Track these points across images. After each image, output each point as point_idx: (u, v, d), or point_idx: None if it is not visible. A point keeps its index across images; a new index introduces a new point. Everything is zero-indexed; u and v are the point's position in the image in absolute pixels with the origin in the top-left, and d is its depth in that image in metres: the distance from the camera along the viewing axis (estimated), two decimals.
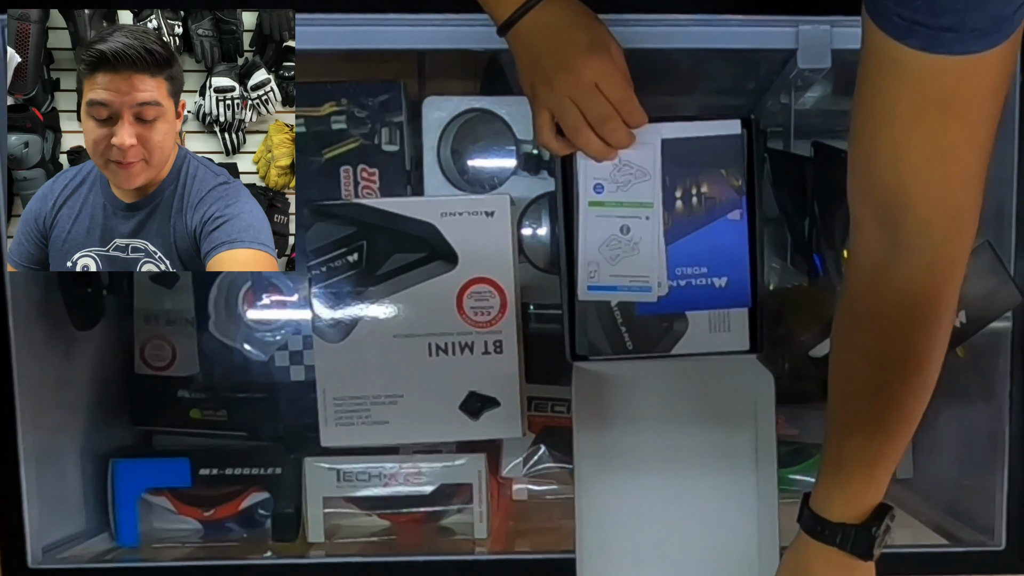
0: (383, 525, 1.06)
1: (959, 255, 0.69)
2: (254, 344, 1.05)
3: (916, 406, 0.74)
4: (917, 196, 0.66)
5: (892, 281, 0.70)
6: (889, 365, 0.73)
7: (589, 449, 0.89)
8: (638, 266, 0.88)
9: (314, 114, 0.98)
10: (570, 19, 0.80)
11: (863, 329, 0.74)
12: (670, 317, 0.90)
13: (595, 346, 0.90)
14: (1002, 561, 0.94)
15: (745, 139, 0.89)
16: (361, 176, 0.99)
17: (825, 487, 0.78)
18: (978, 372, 0.97)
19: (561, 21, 0.79)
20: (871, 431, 0.75)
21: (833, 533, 0.77)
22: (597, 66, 0.79)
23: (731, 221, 0.89)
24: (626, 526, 0.91)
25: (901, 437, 0.76)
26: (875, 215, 0.69)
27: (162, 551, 1.02)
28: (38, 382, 0.94)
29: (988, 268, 0.91)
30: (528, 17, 0.78)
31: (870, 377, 0.74)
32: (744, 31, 0.89)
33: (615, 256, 0.88)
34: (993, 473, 0.94)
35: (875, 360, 0.73)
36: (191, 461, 1.02)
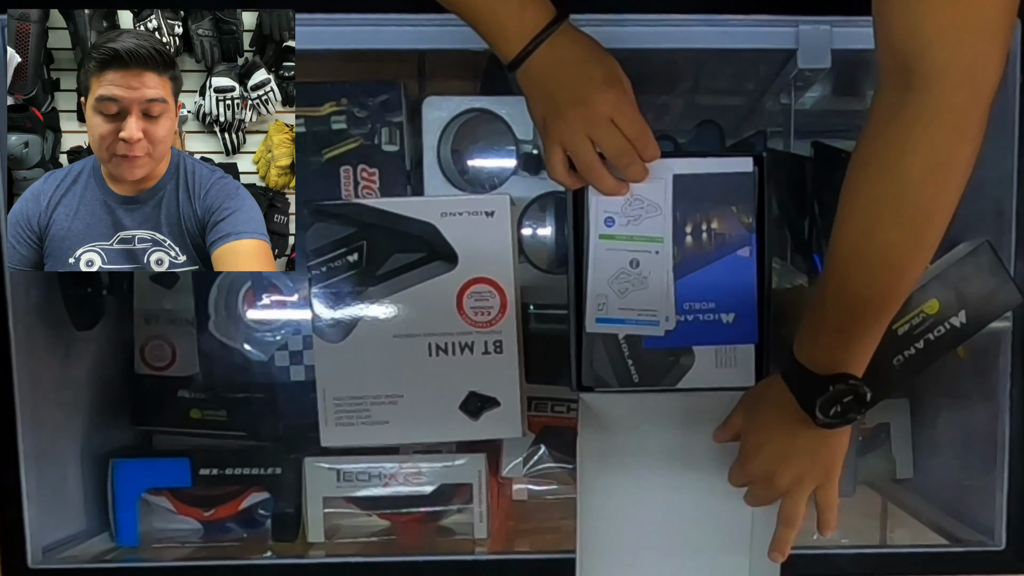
0: (383, 525, 1.06)
1: (972, 110, 0.69)
2: (254, 344, 1.05)
3: (911, 270, 0.75)
4: (931, 38, 0.66)
5: (905, 130, 0.70)
6: (895, 220, 0.72)
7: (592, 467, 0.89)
8: (647, 300, 0.88)
9: (314, 114, 0.98)
10: (581, 53, 0.79)
11: (874, 183, 0.73)
12: (677, 351, 0.90)
13: (601, 378, 0.90)
14: (1002, 561, 0.94)
15: (756, 176, 0.89)
16: (361, 176, 0.99)
17: (802, 333, 0.79)
18: (978, 372, 0.97)
19: (573, 55, 0.79)
20: (861, 288, 0.75)
21: (790, 371, 0.78)
22: (612, 100, 0.79)
23: (741, 257, 0.89)
24: (626, 530, 0.91)
25: (888, 305, 0.76)
26: (892, 60, 0.69)
27: (162, 551, 1.02)
28: (38, 382, 0.94)
29: (988, 268, 0.91)
30: (538, 53, 0.78)
31: (877, 235, 0.74)
32: (744, 31, 0.89)
33: (624, 289, 0.88)
34: (993, 473, 0.94)
35: (882, 214, 0.73)
36: (191, 461, 1.02)
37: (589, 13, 0.87)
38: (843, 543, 1.02)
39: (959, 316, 0.91)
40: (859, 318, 0.76)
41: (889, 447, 1.11)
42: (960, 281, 0.91)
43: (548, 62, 0.78)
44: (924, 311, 0.92)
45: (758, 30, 0.89)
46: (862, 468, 1.06)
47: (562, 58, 0.78)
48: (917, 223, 0.72)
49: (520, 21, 0.77)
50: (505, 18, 0.77)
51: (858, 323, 0.76)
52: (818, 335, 0.78)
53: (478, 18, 0.78)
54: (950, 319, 0.91)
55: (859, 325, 0.76)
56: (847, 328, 0.76)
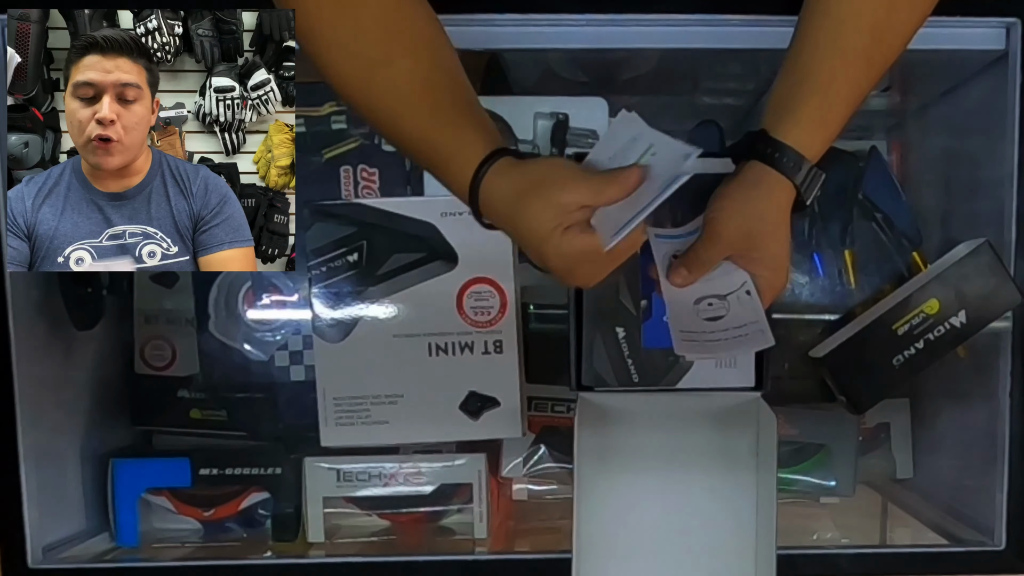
0: (383, 525, 1.06)
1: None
2: (254, 344, 1.05)
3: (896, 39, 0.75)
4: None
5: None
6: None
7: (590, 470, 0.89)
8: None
9: (314, 114, 0.98)
10: (514, 196, 0.70)
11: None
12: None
13: (601, 377, 0.90)
14: (1002, 561, 0.94)
15: None
16: (361, 176, 0.99)
17: (779, 110, 0.76)
18: (978, 372, 0.97)
19: (508, 200, 0.71)
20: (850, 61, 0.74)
21: (771, 147, 0.74)
22: (572, 253, 0.71)
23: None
24: (624, 532, 0.91)
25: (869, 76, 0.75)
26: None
27: (162, 551, 1.02)
28: (38, 382, 0.94)
29: (988, 268, 0.91)
30: (482, 200, 0.71)
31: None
32: (744, 31, 0.89)
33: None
34: (993, 473, 0.94)
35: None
36: (191, 461, 1.02)
37: (590, 13, 0.88)
38: (843, 543, 1.02)
39: (959, 316, 0.91)
40: (837, 99, 0.74)
41: (889, 447, 1.11)
42: (960, 281, 0.91)
43: (494, 210, 0.72)
44: (924, 311, 0.92)
45: (759, 30, 0.89)
46: (862, 468, 1.06)
47: (502, 204, 0.71)
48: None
49: (460, 159, 0.72)
50: (448, 157, 0.73)
51: (834, 107, 0.75)
52: (796, 114, 0.75)
53: (435, 151, 0.74)
54: (950, 319, 0.92)
55: (836, 109, 0.75)
56: (826, 117, 0.75)
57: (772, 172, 0.75)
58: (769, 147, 0.75)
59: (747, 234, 0.76)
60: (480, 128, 0.73)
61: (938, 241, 1.03)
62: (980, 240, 0.92)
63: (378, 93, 0.73)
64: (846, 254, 1.02)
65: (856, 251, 1.02)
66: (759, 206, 0.76)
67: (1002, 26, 0.89)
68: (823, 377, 0.96)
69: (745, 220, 0.76)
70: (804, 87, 0.75)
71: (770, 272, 0.78)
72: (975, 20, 0.88)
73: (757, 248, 0.77)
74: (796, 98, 0.75)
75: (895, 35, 0.75)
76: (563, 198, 0.69)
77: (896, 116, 1.14)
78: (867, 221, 1.02)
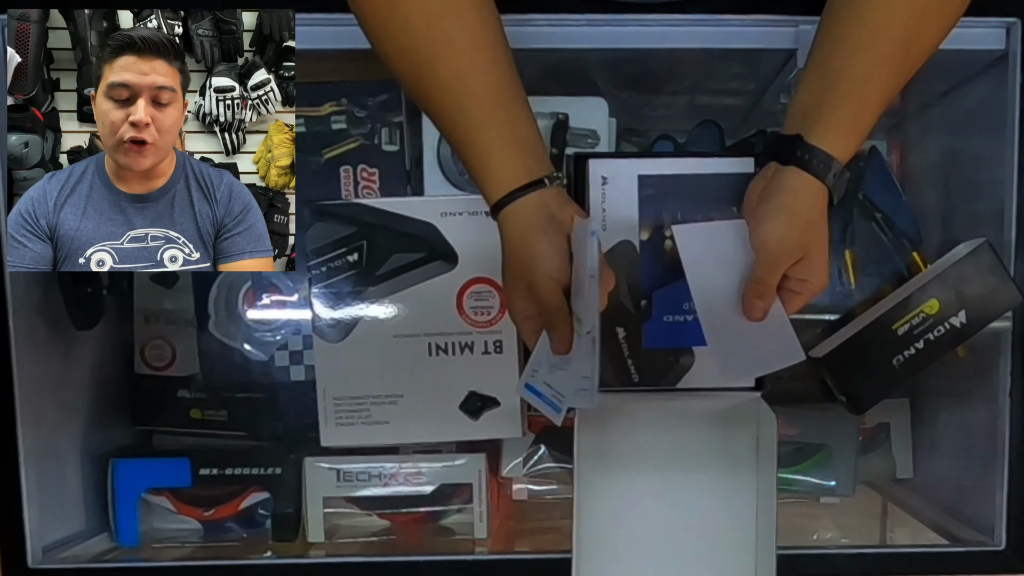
0: (383, 525, 1.06)
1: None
2: (254, 344, 1.05)
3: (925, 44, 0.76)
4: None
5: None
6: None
7: (590, 470, 0.89)
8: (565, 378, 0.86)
9: (314, 114, 0.98)
10: (519, 240, 0.77)
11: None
12: (677, 351, 0.89)
13: (601, 378, 0.90)
14: (1002, 561, 0.94)
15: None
16: (361, 176, 0.99)
17: (812, 115, 0.77)
18: (978, 372, 0.97)
19: (511, 243, 0.78)
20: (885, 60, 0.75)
21: (804, 151, 0.76)
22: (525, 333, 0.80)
23: None
24: (624, 532, 0.91)
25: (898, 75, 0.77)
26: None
27: (162, 551, 1.02)
28: (38, 382, 0.94)
29: (988, 268, 0.91)
30: (501, 219, 0.78)
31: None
32: (744, 31, 0.89)
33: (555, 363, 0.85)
34: (993, 473, 0.94)
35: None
36: (191, 461, 1.02)
37: (590, 13, 0.88)
38: (843, 543, 1.02)
39: (959, 316, 0.91)
40: (869, 105, 0.76)
41: (889, 447, 1.11)
42: (960, 281, 0.91)
43: (513, 226, 0.77)
44: (924, 311, 0.92)
45: (758, 30, 0.89)
46: (862, 468, 1.06)
47: (508, 236, 0.78)
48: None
49: (503, 171, 0.77)
50: (494, 164, 0.77)
51: (866, 112, 0.76)
52: (829, 119, 0.76)
53: (471, 159, 0.78)
54: (950, 319, 0.92)
55: (867, 114, 0.76)
56: (857, 118, 0.76)
57: (811, 179, 0.76)
58: (806, 153, 0.76)
59: (799, 246, 0.77)
60: (520, 148, 0.77)
61: (938, 241, 1.03)
62: (980, 240, 0.91)
63: (423, 93, 0.77)
64: (846, 254, 1.02)
65: (856, 251, 1.02)
66: (805, 216, 0.77)
67: (1002, 26, 0.89)
68: (823, 377, 0.96)
69: (796, 234, 0.77)
70: (836, 93, 0.76)
71: (815, 277, 0.79)
72: (975, 20, 0.88)
73: (808, 256, 0.78)
74: (828, 103, 0.76)
75: (925, 43, 0.76)
76: (538, 298, 0.77)
77: (896, 116, 1.14)
78: (867, 221, 1.02)
